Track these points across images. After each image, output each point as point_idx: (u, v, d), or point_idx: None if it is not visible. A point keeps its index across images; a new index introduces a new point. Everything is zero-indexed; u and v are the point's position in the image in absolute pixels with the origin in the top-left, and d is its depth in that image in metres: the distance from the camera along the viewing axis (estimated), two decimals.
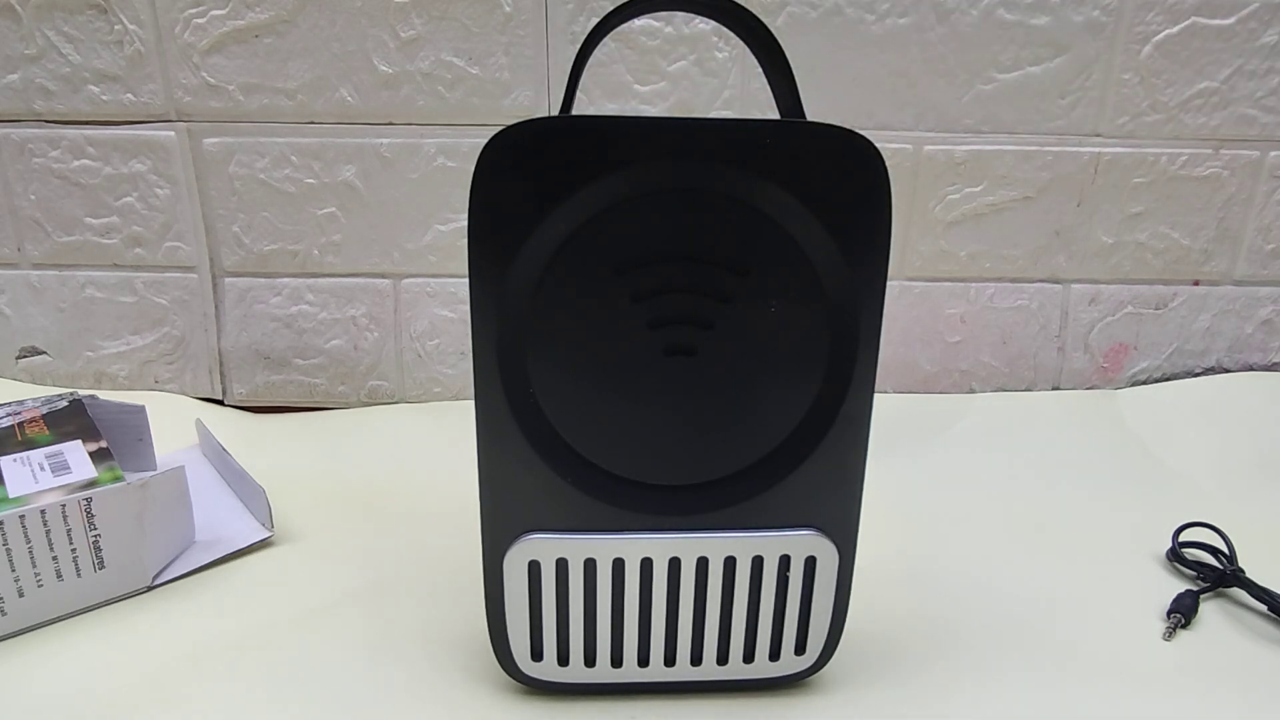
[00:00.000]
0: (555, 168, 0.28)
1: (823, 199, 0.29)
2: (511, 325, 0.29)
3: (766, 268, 0.29)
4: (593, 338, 0.29)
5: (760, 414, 0.31)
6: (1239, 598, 0.40)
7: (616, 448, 0.31)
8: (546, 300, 0.29)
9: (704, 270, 0.29)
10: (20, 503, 0.35)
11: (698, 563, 0.31)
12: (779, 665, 0.33)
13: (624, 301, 0.29)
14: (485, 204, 0.28)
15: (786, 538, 0.32)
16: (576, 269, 0.29)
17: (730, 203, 0.28)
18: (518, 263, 0.28)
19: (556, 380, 0.30)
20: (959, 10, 0.54)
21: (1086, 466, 0.53)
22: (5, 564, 0.35)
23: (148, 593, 0.39)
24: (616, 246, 0.29)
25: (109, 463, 0.38)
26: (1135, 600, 0.40)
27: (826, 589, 0.32)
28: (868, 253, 0.29)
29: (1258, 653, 0.37)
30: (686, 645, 0.32)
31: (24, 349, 0.61)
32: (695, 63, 0.54)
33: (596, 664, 0.32)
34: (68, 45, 0.53)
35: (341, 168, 0.56)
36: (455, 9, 0.53)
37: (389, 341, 0.60)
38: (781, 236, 0.29)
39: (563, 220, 0.28)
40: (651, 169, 0.28)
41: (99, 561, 0.37)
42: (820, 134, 0.28)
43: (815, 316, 0.30)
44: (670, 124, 0.28)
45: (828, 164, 0.28)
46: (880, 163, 0.29)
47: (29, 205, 0.57)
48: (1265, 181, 0.60)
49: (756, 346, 0.30)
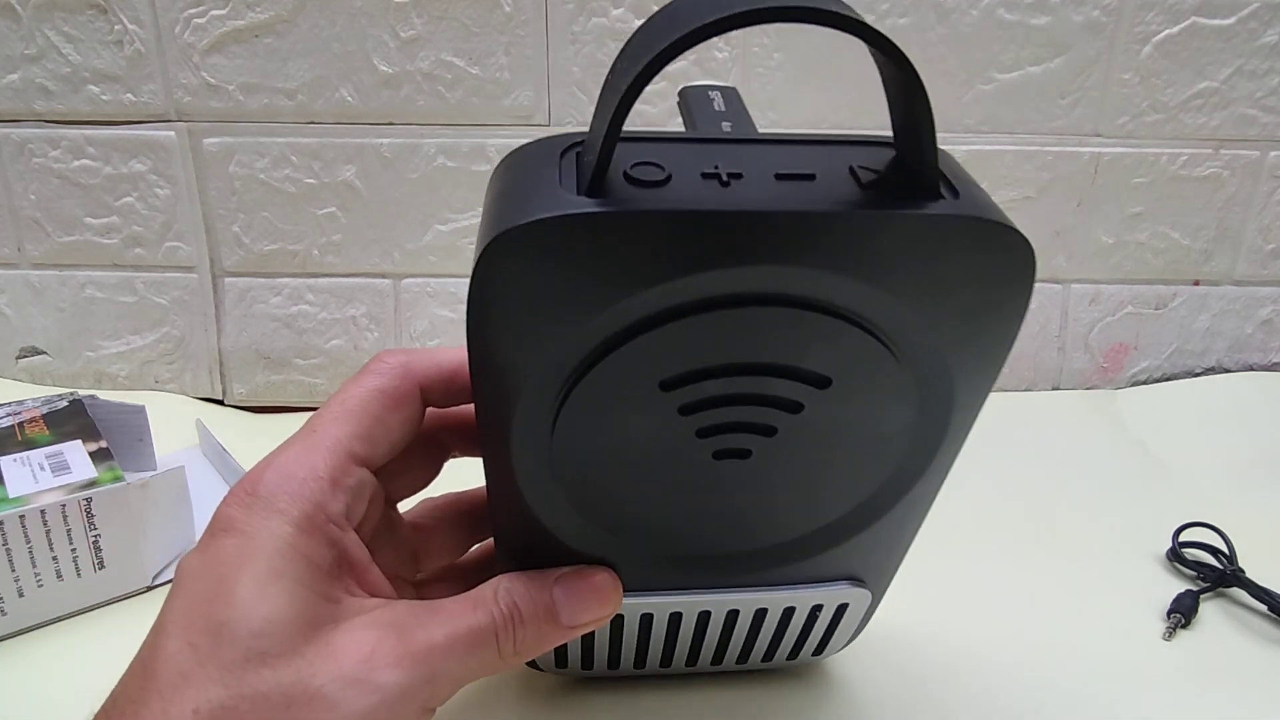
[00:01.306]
0: (578, 281, 0.19)
1: (941, 303, 0.21)
2: (531, 450, 0.23)
3: (853, 378, 0.22)
4: (624, 445, 0.23)
5: (815, 500, 0.26)
6: (1239, 598, 0.40)
7: (648, 533, 0.26)
8: (568, 421, 0.22)
9: (773, 383, 0.22)
10: (20, 503, 0.35)
11: (727, 614, 0.30)
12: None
13: (668, 415, 0.22)
14: (487, 317, 0.20)
15: (824, 591, 0.29)
16: (609, 386, 0.21)
17: (814, 306, 0.20)
18: (531, 382, 0.21)
19: (580, 472, 0.24)
20: (959, 10, 0.54)
21: (1086, 466, 0.53)
22: (5, 564, 0.35)
23: (148, 593, 0.39)
24: (663, 362, 0.21)
25: (109, 463, 0.39)
26: (1135, 600, 0.40)
27: (853, 622, 0.31)
28: (984, 362, 0.23)
29: (1258, 653, 0.37)
30: (706, 662, 0.32)
31: (24, 349, 0.61)
32: (695, 63, 0.54)
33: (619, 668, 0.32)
34: (68, 45, 0.53)
35: (341, 168, 0.56)
36: (455, 9, 0.53)
37: (389, 341, 0.60)
38: (876, 343, 0.21)
39: (592, 335, 0.20)
40: (715, 277, 0.20)
41: (99, 561, 0.37)
42: (965, 230, 0.20)
43: (901, 418, 0.24)
44: (746, 220, 0.19)
45: (961, 263, 0.20)
46: (1034, 266, 0.21)
47: (29, 205, 0.57)
48: (1265, 181, 0.60)
49: (824, 448, 0.24)
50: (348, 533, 0.24)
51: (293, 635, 0.21)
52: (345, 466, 0.24)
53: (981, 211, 0.20)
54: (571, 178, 0.20)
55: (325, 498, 0.23)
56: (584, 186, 0.19)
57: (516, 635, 0.24)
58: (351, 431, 0.25)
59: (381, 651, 0.22)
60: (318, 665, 0.21)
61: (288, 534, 0.22)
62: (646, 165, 0.19)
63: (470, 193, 0.57)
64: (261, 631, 0.21)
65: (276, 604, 0.21)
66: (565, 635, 0.25)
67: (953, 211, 0.19)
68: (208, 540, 0.23)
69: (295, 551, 0.22)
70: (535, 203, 0.19)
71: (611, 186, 0.19)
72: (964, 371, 0.23)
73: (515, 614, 0.24)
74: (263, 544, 0.22)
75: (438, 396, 0.27)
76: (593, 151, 0.19)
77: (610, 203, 0.19)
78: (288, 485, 0.23)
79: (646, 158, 0.20)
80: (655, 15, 0.18)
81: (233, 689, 0.20)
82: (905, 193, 0.20)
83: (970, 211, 0.20)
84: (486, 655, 0.24)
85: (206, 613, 0.21)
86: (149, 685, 0.21)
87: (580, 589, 0.25)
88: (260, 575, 0.22)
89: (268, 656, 0.21)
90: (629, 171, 0.19)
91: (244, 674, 0.20)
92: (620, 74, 0.18)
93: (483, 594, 0.24)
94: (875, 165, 0.20)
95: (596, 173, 0.19)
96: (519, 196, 0.19)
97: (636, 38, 0.19)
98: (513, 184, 0.20)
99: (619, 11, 0.53)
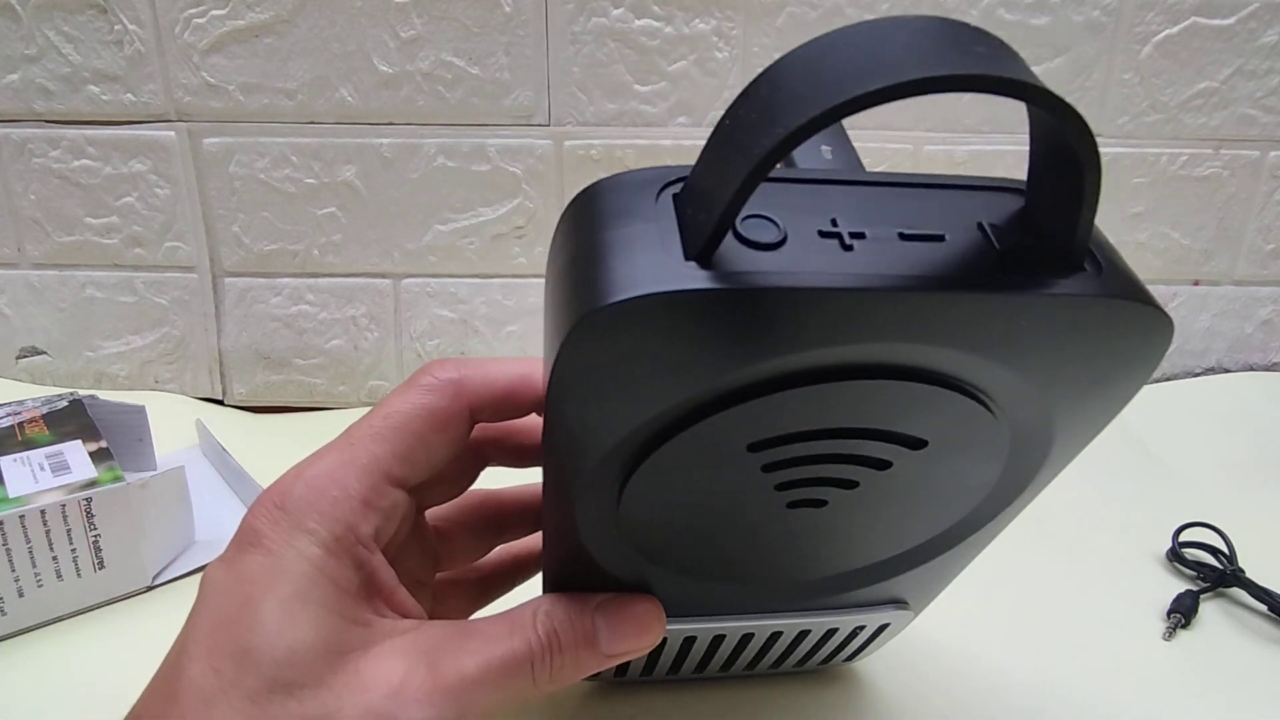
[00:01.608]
0: (680, 357, 0.17)
1: (1065, 375, 0.19)
2: (596, 503, 0.21)
3: (949, 439, 0.21)
4: (698, 497, 0.21)
5: (880, 540, 0.25)
6: (1239, 598, 0.40)
7: (704, 569, 0.25)
8: (643, 477, 0.20)
9: (866, 445, 0.21)
10: (20, 503, 0.35)
11: (770, 635, 0.29)
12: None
13: (750, 472, 0.21)
14: (570, 394, 0.18)
15: (869, 615, 0.28)
16: (694, 448, 0.19)
17: (925, 378, 0.19)
18: (609, 446, 0.19)
19: (647, 520, 0.22)
20: (959, 10, 0.54)
21: (1086, 466, 0.53)
22: (5, 564, 0.35)
23: (147, 593, 0.39)
24: (755, 429, 0.19)
25: (109, 463, 0.38)
26: (1135, 600, 0.40)
27: (889, 637, 0.31)
28: (1089, 424, 0.21)
29: (1258, 653, 0.37)
30: (740, 669, 0.32)
31: (24, 349, 0.61)
32: (696, 63, 0.54)
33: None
34: (68, 45, 0.53)
35: (341, 168, 0.56)
36: (455, 9, 0.53)
37: (389, 341, 0.60)
38: (980, 407, 0.20)
39: (684, 404, 0.18)
40: (830, 352, 0.18)
41: (99, 561, 0.37)
42: (1110, 311, 0.17)
43: (990, 473, 0.22)
44: (876, 299, 0.16)
45: (1098, 341, 0.18)
46: (1170, 341, 0.19)
47: (29, 205, 0.57)
48: (1265, 181, 0.60)
49: (903, 501, 0.23)
50: (375, 554, 0.23)
51: (318, 664, 0.20)
52: (380, 487, 0.23)
53: (1131, 291, 0.18)
54: (673, 233, 0.17)
55: (356, 519, 0.22)
56: (693, 250, 0.16)
57: (554, 663, 0.23)
58: (392, 451, 0.23)
59: (411, 684, 0.21)
60: (345, 697, 0.20)
61: (315, 556, 0.21)
62: (758, 219, 0.17)
63: (470, 193, 0.57)
64: (286, 661, 0.20)
65: (302, 631, 0.21)
66: (603, 664, 0.24)
67: (1100, 292, 0.17)
68: (234, 554, 0.22)
69: (322, 575, 0.21)
70: (635, 269, 0.16)
71: (723, 249, 0.16)
72: (1066, 434, 0.21)
73: (554, 641, 0.23)
74: (289, 565, 0.21)
75: (489, 415, 0.25)
76: (707, 211, 0.16)
77: (726, 277, 0.16)
78: (319, 503, 0.22)
79: (755, 208, 0.17)
80: (795, 59, 0.15)
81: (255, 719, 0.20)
82: (1047, 264, 0.17)
83: (1119, 291, 0.17)
84: (521, 684, 0.22)
85: (231, 636, 0.21)
86: (171, 709, 0.20)
87: (623, 617, 0.24)
88: (286, 599, 0.21)
89: (293, 687, 0.20)
90: (739, 229, 0.17)
91: (268, 704, 0.20)
92: (749, 128, 0.15)
93: (521, 617, 0.23)
94: (1006, 222, 0.18)
95: (712, 239, 0.16)
96: (612, 256, 0.16)
97: (769, 86, 0.16)
98: (601, 238, 0.17)
99: (619, 11, 0.53)
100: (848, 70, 0.14)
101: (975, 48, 0.15)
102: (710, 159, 0.17)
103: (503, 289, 0.60)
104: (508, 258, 0.59)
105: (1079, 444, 0.22)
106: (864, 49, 0.15)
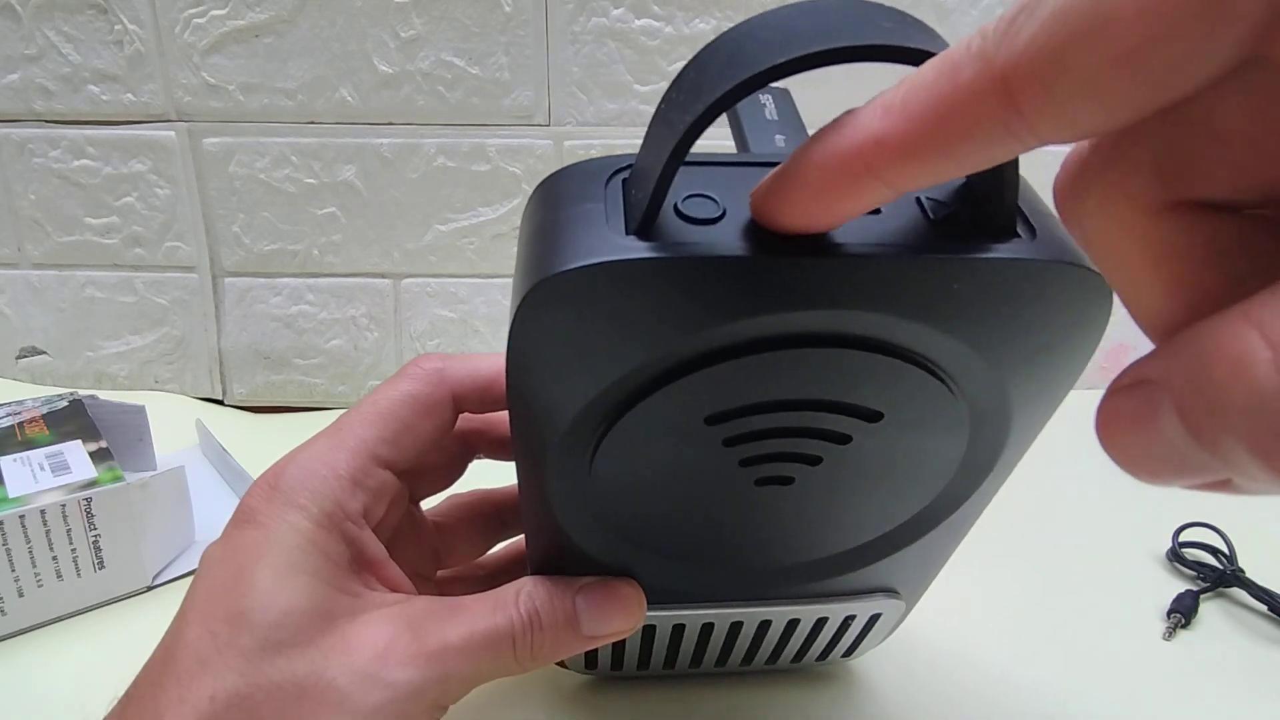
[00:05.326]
0: (626, 326, 0.18)
1: (1009, 342, 0.20)
2: (566, 479, 0.22)
3: (905, 412, 0.21)
4: (662, 473, 0.22)
5: (855, 522, 0.25)
6: (1239, 598, 0.40)
7: (683, 551, 0.25)
8: (607, 453, 0.21)
9: (822, 417, 0.21)
10: (20, 503, 0.35)
11: (759, 624, 0.29)
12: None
13: (712, 447, 0.21)
14: (527, 363, 0.19)
15: (858, 604, 0.28)
16: (652, 421, 0.20)
17: (872, 347, 0.19)
18: (570, 419, 0.20)
19: (616, 497, 0.23)
20: (959, 10, 0.54)
21: (1086, 466, 0.53)
22: (5, 564, 0.35)
23: (147, 593, 0.39)
24: (710, 399, 0.20)
25: (109, 463, 0.38)
26: (1135, 600, 0.40)
27: (885, 629, 0.31)
28: (1045, 397, 0.22)
29: (1258, 653, 0.37)
30: (735, 663, 0.32)
31: (24, 349, 0.61)
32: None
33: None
34: (68, 45, 0.53)
35: (341, 168, 0.56)
36: (455, 9, 0.53)
37: (389, 341, 0.60)
38: (934, 379, 0.20)
39: (636, 375, 0.19)
40: (771, 320, 0.18)
41: (99, 561, 0.37)
42: (1044, 273, 0.18)
43: (953, 449, 0.23)
44: (806, 267, 0.17)
45: (1036, 305, 0.19)
46: (1110, 306, 0.19)
47: (29, 205, 0.57)
48: None
49: (869, 477, 0.23)
50: (365, 531, 0.25)
51: (308, 627, 0.22)
52: (367, 468, 0.25)
53: (1062, 254, 0.18)
54: (618, 212, 0.18)
55: (345, 496, 0.24)
56: (633, 225, 0.17)
57: (534, 641, 0.24)
58: (378, 434, 0.25)
59: (396, 648, 0.22)
60: (332, 658, 0.22)
61: (306, 529, 0.23)
62: (698, 198, 0.18)
63: (470, 193, 0.57)
64: (278, 622, 0.21)
65: (294, 596, 0.22)
66: (584, 645, 0.25)
67: (1033, 255, 0.18)
68: (230, 531, 0.24)
69: (313, 546, 0.23)
70: (580, 244, 0.17)
71: (662, 224, 0.17)
72: (1024, 406, 0.22)
73: (535, 619, 0.24)
74: (282, 537, 0.23)
75: (472, 404, 0.27)
76: (643, 188, 0.17)
77: (662, 247, 0.17)
78: (309, 482, 0.24)
79: (698, 188, 0.18)
80: (721, 41, 0.16)
81: (249, 677, 0.21)
82: (980, 230, 0.18)
83: (1051, 254, 0.18)
84: (502, 658, 0.23)
85: (226, 601, 0.22)
86: (168, 671, 0.21)
87: (603, 600, 0.25)
88: (279, 567, 0.22)
89: (283, 646, 0.21)
90: (680, 206, 0.18)
91: (260, 663, 0.21)
92: (677, 106, 0.16)
93: (504, 596, 0.24)
94: (944, 196, 0.19)
95: (648, 213, 0.17)
96: (561, 234, 0.18)
97: (696, 67, 0.17)
98: (554, 218, 0.18)
99: (619, 11, 0.53)
100: (759, 49, 0.15)
101: (884, 23, 0.16)
102: (647, 140, 0.18)
103: (503, 289, 0.60)
104: (508, 258, 0.59)
105: (1040, 419, 0.23)
106: (777, 28, 0.16)
